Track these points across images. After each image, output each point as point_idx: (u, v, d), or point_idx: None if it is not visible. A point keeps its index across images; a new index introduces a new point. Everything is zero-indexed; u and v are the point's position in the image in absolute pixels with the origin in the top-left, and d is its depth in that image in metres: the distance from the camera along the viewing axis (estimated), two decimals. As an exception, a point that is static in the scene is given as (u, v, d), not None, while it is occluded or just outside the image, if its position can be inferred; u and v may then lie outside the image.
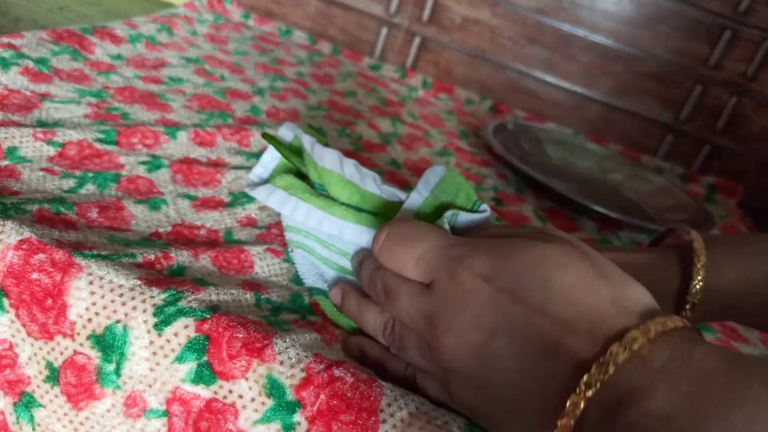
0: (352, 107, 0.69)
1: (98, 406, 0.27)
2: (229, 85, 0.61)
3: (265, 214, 0.38)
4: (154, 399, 0.27)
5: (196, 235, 0.34)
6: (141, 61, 0.59)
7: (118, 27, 0.63)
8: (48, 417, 0.28)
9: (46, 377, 0.28)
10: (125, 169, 0.38)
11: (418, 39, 0.93)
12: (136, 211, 0.34)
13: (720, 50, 0.85)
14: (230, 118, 0.53)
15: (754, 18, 0.82)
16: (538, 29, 0.89)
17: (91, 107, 0.45)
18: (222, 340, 0.26)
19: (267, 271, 0.33)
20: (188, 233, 0.34)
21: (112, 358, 0.27)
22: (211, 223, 0.36)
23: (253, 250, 0.34)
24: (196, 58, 0.66)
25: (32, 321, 0.27)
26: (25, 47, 0.50)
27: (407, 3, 0.91)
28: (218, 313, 0.27)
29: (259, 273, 0.33)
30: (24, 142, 0.37)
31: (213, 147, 0.45)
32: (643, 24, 0.86)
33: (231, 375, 0.26)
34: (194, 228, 0.35)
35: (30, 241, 0.28)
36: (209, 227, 0.36)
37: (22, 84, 0.45)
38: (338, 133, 0.57)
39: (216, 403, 0.26)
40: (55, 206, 0.32)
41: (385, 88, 0.84)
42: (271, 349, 0.26)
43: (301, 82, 0.72)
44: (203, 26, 0.80)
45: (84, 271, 0.27)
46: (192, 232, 0.35)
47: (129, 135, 0.42)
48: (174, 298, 0.27)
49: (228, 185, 0.41)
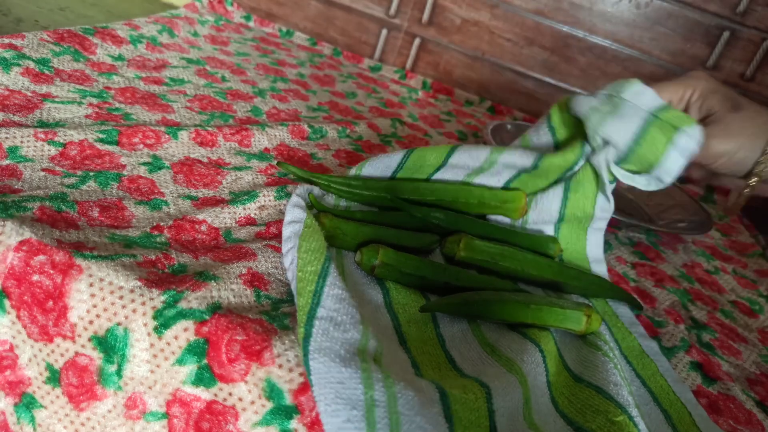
0: (353, 108, 0.69)
1: (99, 407, 0.27)
2: (230, 86, 0.61)
3: (264, 214, 0.38)
4: (154, 401, 0.27)
5: (197, 230, 0.34)
6: (142, 62, 0.59)
7: (120, 28, 0.63)
8: (49, 418, 0.28)
9: (46, 378, 0.28)
10: (126, 169, 0.38)
11: (418, 40, 0.93)
12: (137, 211, 0.35)
13: (718, 51, 0.85)
14: (231, 119, 0.53)
15: (752, 19, 0.83)
16: (537, 30, 0.89)
17: (92, 108, 0.45)
18: (221, 343, 0.26)
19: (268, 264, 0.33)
20: (189, 227, 0.34)
21: (113, 360, 0.27)
22: (212, 218, 0.36)
23: (253, 246, 0.34)
24: (197, 59, 0.66)
25: (33, 323, 0.27)
26: (26, 48, 0.50)
27: (407, 5, 0.91)
28: (218, 313, 0.27)
29: (261, 261, 0.33)
30: (25, 141, 0.37)
31: (214, 147, 0.46)
32: (641, 25, 0.86)
33: (231, 378, 0.26)
34: (195, 222, 0.35)
35: (30, 242, 0.28)
36: (210, 222, 0.35)
37: (23, 84, 0.45)
38: (338, 134, 0.57)
39: (216, 405, 0.26)
40: (56, 204, 0.32)
41: (385, 89, 0.84)
42: (270, 352, 0.26)
43: (302, 83, 0.72)
44: (204, 27, 0.80)
45: (84, 272, 0.27)
46: (193, 227, 0.34)
47: (130, 135, 0.42)
48: (173, 299, 0.27)
49: (229, 185, 0.41)
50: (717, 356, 0.42)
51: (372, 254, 0.35)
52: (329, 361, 0.24)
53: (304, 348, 0.25)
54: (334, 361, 0.24)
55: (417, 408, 0.24)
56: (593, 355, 0.34)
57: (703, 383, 0.38)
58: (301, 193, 0.37)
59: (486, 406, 0.26)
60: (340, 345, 0.25)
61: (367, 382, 0.24)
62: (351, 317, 0.27)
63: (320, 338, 0.25)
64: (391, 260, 0.35)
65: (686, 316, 0.46)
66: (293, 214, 0.33)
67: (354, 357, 0.25)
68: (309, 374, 0.24)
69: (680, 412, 0.34)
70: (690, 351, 0.41)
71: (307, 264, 0.29)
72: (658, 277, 0.52)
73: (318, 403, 0.23)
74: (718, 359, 0.42)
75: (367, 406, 0.23)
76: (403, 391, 0.24)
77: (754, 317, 0.51)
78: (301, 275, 0.29)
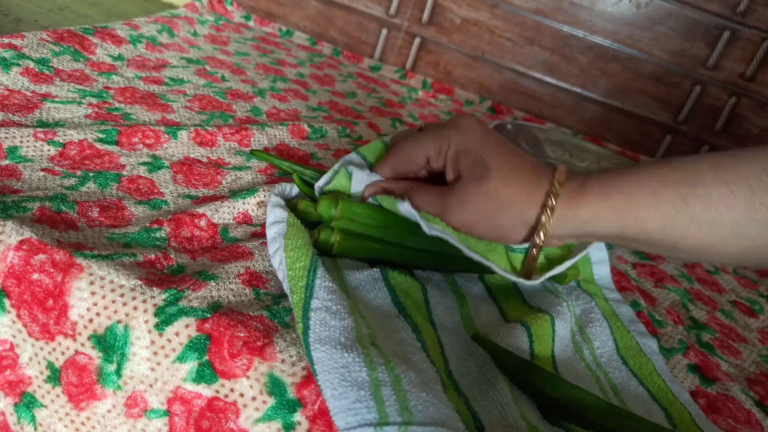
0: (353, 108, 0.69)
1: (99, 406, 0.27)
2: (229, 86, 0.61)
3: (261, 212, 0.38)
4: (155, 399, 0.27)
5: (196, 225, 0.34)
6: (142, 62, 0.59)
7: (119, 27, 0.63)
8: (49, 417, 0.28)
9: (47, 377, 0.28)
10: (126, 169, 0.38)
11: (418, 40, 0.93)
12: (137, 211, 0.35)
13: (719, 51, 0.85)
14: (231, 119, 0.53)
15: (753, 18, 0.83)
16: (537, 30, 0.89)
17: (92, 107, 0.45)
18: (223, 339, 0.26)
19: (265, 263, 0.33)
20: (189, 221, 0.34)
21: (113, 359, 0.27)
22: (211, 212, 0.36)
23: (249, 245, 0.34)
24: (197, 59, 0.66)
25: (33, 321, 0.27)
26: (26, 48, 0.50)
27: (407, 4, 0.91)
28: (219, 311, 0.27)
29: (258, 260, 0.33)
30: (24, 141, 0.37)
31: (213, 147, 0.46)
32: (641, 25, 0.86)
33: (232, 374, 0.26)
34: (195, 216, 0.35)
35: (30, 242, 0.28)
36: (209, 217, 0.35)
37: (23, 84, 0.45)
38: (338, 133, 0.57)
39: (217, 402, 0.26)
40: (56, 204, 0.32)
41: (385, 89, 0.84)
42: (272, 347, 0.26)
43: (302, 82, 0.72)
44: (204, 27, 0.80)
45: (85, 271, 0.27)
46: (192, 221, 0.34)
47: (130, 135, 0.42)
48: (175, 297, 0.27)
49: (228, 185, 0.41)
50: (716, 356, 0.42)
51: (330, 205, 0.36)
52: (330, 348, 0.25)
53: (305, 341, 0.25)
54: (335, 348, 0.25)
55: (421, 385, 0.24)
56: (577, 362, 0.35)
57: (702, 384, 0.38)
58: (280, 192, 0.37)
59: (468, 414, 0.26)
60: (339, 333, 0.26)
61: (370, 365, 0.24)
62: (344, 307, 0.27)
63: (319, 329, 0.26)
64: (348, 212, 0.36)
65: (686, 316, 0.46)
66: (275, 215, 0.33)
67: (354, 343, 0.25)
68: (312, 365, 0.24)
69: (680, 411, 0.34)
70: (688, 353, 0.41)
71: (295, 261, 0.30)
72: (658, 277, 0.52)
73: (323, 390, 0.23)
74: (718, 359, 0.42)
75: (373, 386, 0.23)
76: (406, 372, 0.25)
77: (754, 317, 0.51)
78: (292, 273, 0.29)
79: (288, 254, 0.30)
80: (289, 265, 0.29)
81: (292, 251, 0.30)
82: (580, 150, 0.77)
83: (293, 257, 0.30)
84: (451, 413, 0.23)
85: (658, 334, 0.42)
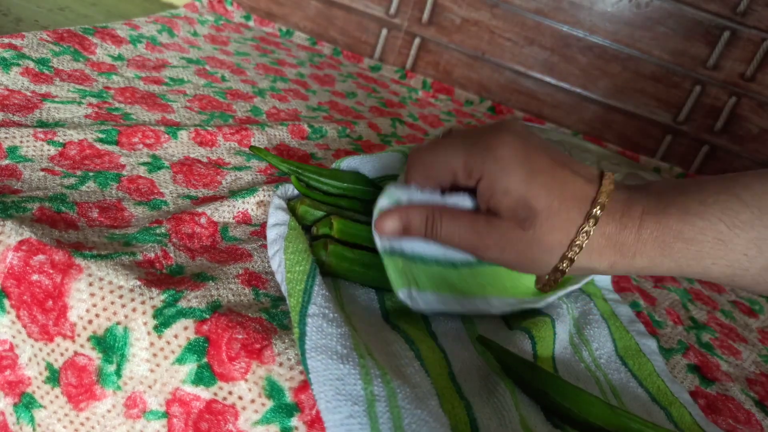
0: (352, 108, 0.69)
1: (99, 407, 0.27)
2: (229, 86, 0.61)
3: (260, 212, 0.38)
4: (154, 400, 0.27)
5: (196, 222, 0.34)
6: (142, 62, 0.59)
7: (119, 27, 0.63)
8: (48, 417, 0.28)
9: (46, 378, 0.28)
10: (126, 169, 0.38)
11: (418, 40, 0.93)
12: (137, 211, 0.35)
13: (719, 51, 0.85)
14: (231, 119, 0.53)
15: (753, 18, 0.83)
16: (537, 30, 0.89)
17: (92, 107, 0.45)
18: (221, 341, 0.26)
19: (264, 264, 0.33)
20: (189, 219, 0.34)
21: (112, 359, 0.27)
22: (211, 210, 0.36)
23: (248, 246, 0.34)
24: (197, 59, 0.66)
25: (33, 322, 0.27)
26: (25, 48, 0.50)
27: (407, 4, 0.91)
28: (218, 312, 0.27)
29: (257, 261, 0.33)
30: (24, 141, 0.37)
31: (213, 147, 0.46)
32: (641, 25, 0.86)
33: (231, 376, 0.26)
34: (195, 215, 0.35)
35: (30, 242, 0.28)
36: (209, 215, 0.35)
37: (23, 84, 0.45)
38: (338, 133, 0.57)
39: (216, 404, 0.26)
40: (56, 205, 0.32)
41: (385, 89, 0.84)
42: (270, 350, 0.26)
43: (302, 82, 0.72)
44: (204, 27, 0.80)
45: (84, 272, 0.27)
46: (192, 218, 0.34)
47: (130, 135, 0.42)
48: (173, 298, 0.27)
49: (228, 185, 0.41)
50: (716, 356, 0.42)
51: (325, 224, 0.35)
52: (326, 358, 0.24)
53: (301, 347, 0.25)
54: (331, 358, 0.24)
55: (416, 402, 0.24)
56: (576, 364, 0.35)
57: (701, 384, 0.38)
58: (282, 194, 0.37)
59: (466, 417, 0.26)
60: (336, 341, 0.25)
61: (365, 377, 0.24)
62: (340, 316, 0.27)
63: (315, 336, 0.25)
64: (345, 227, 0.35)
65: (686, 316, 0.46)
66: (276, 217, 0.33)
67: (351, 352, 0.25)
68: (308, 373, 0.24)
69: (680, 411, 0.34)
70: (687, 353, 0.41)
71: (295, 264, 0.29)
72: (658, 277, 0.52)
73: (318, 401, 0.23)
74: (718, 359, 0.42)
75: (368, 401, 0.23)
76: (402, 386, 0.24)
77: (754, 317, 0.51)
78: (290, 276, 0.29)
79: (288, 257, 0.30)
80: (288, 268, 0.29)
81: (292, 254, 0.30)
82: (580, 150, 0.77)
83: (293, 260, 0.30)
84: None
85: (657, 334, 0.42)
